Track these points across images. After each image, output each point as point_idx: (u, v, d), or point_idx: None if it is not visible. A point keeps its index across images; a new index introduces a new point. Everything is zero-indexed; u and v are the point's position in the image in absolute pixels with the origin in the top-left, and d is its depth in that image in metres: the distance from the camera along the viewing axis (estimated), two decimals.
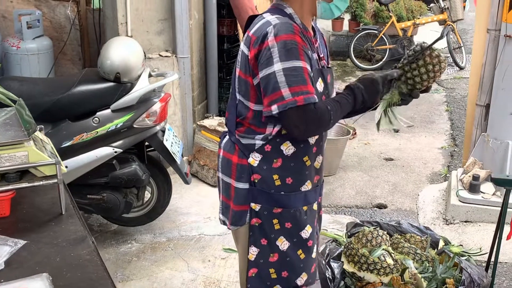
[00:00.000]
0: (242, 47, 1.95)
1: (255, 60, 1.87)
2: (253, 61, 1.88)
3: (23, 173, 1.73)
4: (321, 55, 2.05)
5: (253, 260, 2.08)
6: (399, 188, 4.65)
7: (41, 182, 1.72)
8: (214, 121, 4.67)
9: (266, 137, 1.97)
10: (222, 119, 4.69)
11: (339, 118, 1.97)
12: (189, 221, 3.99)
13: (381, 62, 8.19)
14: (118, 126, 3.36)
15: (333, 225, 4.00)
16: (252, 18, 2.00)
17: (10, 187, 1.69)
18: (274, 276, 2.09)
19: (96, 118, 3.34)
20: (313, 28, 2.06)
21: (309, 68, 1.87)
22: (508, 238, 2.80)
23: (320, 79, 1.96)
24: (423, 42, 2.09)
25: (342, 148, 4.95)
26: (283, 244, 2.06)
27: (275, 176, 2.00)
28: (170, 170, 3.82)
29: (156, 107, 3.47)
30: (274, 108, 1.84)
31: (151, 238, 3.78)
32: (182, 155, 3.77)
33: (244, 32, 2.02)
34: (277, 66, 1.82)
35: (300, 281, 2.12)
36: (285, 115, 1.84)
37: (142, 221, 3.82)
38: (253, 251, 2.07)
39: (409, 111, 6.48)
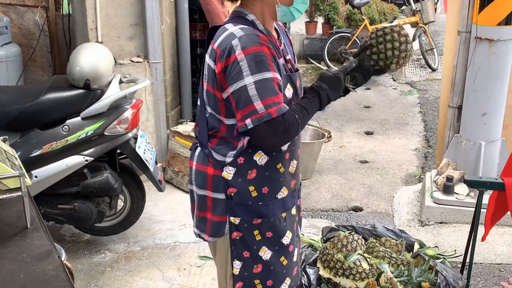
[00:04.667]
0: (208, 60, 1.91)
1: (223, 74, 1.83)
2: (221, 75, 1.84)
3: None
4: (287, 57, 2.02)
5: (237, 274, 2.05)
6: (374, 191, 4.66)
7: (4, 196, 1.66)
8: (188, 127, 4.62)
9: (239, 151, 1.95)
10: None
11: (306, 123, 1.95)
12: (163, 229, 3.94)
13: None
14: (89, 134, 3.29)
15: (310, 229, 3.98)
16: (214, 29, 1.96)
17: None
18: (259, 286, 2.07)
19: (65, 126, 3.27)
20: (276, 30, 2.04)
21: (278, 77, 1.85)
22: (482, 239, 2.81)
23: (289, 85, 1.94)
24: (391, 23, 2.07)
25: (317, 152, 4.94)
26: (265, 253, 2.04)
27: (251, 188, 1.98)
28: (143, 177, 3.76)
29: (128, 113, 3.41)
30: (248, 123, 1.81)
31: (125, 247, 3.71)
32: (155, 162, 3.71)
33: (207, 44, 1.98)
34: (248, 80, 1.79)
35: (284, 286, 2.11)
36: (256, 128, 1.81)
37: (116, 230, 3.75)
38: (237, 265, 2.04)
39: (383, 113, 6.53)
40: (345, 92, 2.07)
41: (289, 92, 1.93)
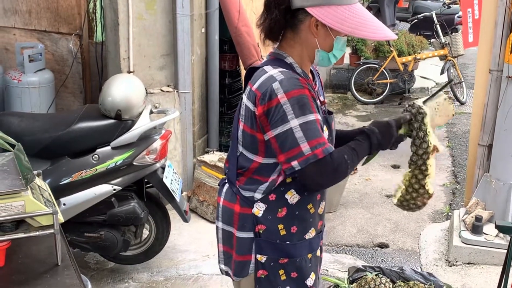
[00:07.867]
0: (246, 101, 1.92)
1: (265, 117, 1.85)
2: (262, 117, 1.86)
3: (19, 223, 1.69)
4: (321, 98, 2.04)
5: None
6: (400, 227, 4.59)
7: (37, 233, 1.68)
8: (214, 157, 4.64)
9: (269, 188, 1.94)
10: (223, 154, 4.66)
11: (356, 165, 1.96)
12: (187, 259, 3.93)
13: (382, 96, 8.21)
14: (118, 163, 3.32)
15: (334, 265, 3.94)
16: (252, 70, 1.98)
17: (5, 237, 1.65)
18: None
19: (95, 155, 3.30)
20: (311, 72, 2.05)
21: (320, 118, 1.87)
22: None
23: (325, 127, 1.95)
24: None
25: (343, 184, 4.91)
26: None
27: (280, 226, 1.97)
28: (169, 206, 3.77)
29: (157, 144, 3.44)
30: (295, 165, 1.82)
31: (149, 277, 3.71)
32: (181, 192, 3.72)
33: (245, 84, 2.00)
34: (294, 123, 1.80)
35: None
36: (304, 170, 1.82)
37: (140, 259, 3.76)
38: None
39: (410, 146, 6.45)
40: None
41: (325, 133, 1.94)
